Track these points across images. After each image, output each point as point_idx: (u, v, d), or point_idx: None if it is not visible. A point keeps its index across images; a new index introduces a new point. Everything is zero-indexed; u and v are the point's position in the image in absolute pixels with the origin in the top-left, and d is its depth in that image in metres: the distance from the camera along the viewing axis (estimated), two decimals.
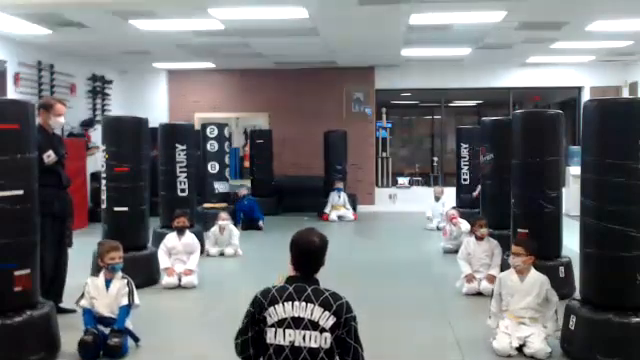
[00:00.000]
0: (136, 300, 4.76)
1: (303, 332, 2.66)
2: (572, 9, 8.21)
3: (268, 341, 2.69)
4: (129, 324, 4.76)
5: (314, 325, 2.66)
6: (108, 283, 4.74)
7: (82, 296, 4.75)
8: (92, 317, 4.67)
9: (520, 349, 4.55)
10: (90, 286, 4.75)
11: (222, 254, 8.54)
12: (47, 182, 5.05)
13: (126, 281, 4.76)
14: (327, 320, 2.66)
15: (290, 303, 2.69)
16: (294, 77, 13.84)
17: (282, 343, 2.67)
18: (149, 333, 4.89)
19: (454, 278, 6.68)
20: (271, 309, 2.70)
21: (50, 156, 5.34)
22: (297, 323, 2.67)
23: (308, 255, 2.79)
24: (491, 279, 6.31)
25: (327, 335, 2.66)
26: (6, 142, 4.21)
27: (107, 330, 4.60)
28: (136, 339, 4.73)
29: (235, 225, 9.15)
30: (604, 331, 4.19)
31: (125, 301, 4.68)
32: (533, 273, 4.77)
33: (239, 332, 2.78)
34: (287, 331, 2.67)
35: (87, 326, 4.62)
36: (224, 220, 8.69)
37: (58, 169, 5.50)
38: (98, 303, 4.69)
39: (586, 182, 4.44)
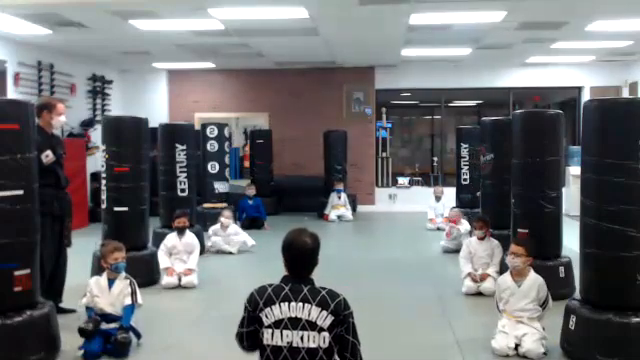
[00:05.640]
0: (139, 300, 4.77)
1: (301, 333, 2.64)
2: (572, 9, 8.20)
3: (265, 342, 2.68)
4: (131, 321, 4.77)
5: (312, 325, 2.64)
6: (111, 283, 4.76)
7: (84, 295, 4.77)
8: (94, 313, 4.69)
9: (517, 348, 4.53)
10: (93, 285, 4.77)
11: (231, 252, 8.61)
12: (45, 182, 5.05)
13: (129, 281, 4.78)
14: (325, 319, 2.64)
15: (286, 304, 2.67)
16: (294, 77, 13.83)
17: (280, 344, 2.65)
18: (149, 333, 4.89)
19: (454, 278, 6.69)
20: (267, 310, 2.68)
21: (48, 156, 5.34)
22: (294, 324, 2.65)
23: (303, 257, 2.76)
24: (484, 277, 6.33)
25: (325, 335, 2.64)
26: (6, 142, 4.20)
27: (109, 325, 4.62)
28: (138, 335, 4.75)
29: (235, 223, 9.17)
30: (604, 331, 4.19)
31: (128, 301, 4.70)
32: (531, 275, 4.71)
33: (239, 325, 2.80)
34: (284, 332, 2.65)
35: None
36: (227, 218, 8.70)
37: (56, 169, 5.50)
38: (100, 301, 4.71)
39: (586, 182, 4.43)
